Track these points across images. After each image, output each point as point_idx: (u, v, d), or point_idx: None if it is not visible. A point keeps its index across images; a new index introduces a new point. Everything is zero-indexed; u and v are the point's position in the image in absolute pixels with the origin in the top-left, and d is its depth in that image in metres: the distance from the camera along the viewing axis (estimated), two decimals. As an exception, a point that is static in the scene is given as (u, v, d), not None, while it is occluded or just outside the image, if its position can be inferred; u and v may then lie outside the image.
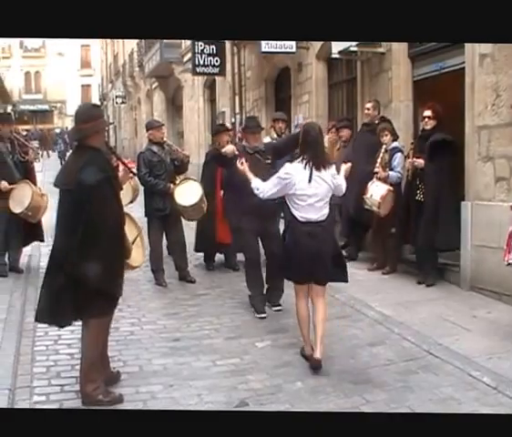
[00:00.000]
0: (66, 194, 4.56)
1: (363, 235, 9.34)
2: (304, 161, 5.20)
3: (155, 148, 8.10)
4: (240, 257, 7.70)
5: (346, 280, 5.73)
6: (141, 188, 8.37)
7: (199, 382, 5.02)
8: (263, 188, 5.48)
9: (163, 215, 8.01)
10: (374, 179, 8.11)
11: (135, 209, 6.97)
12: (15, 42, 57.65)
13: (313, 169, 5.17)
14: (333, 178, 5.34)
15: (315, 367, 5.17)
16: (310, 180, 5.16)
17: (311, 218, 5.23)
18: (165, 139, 8.41)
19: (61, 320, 4.70)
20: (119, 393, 4.72)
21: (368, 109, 8.99)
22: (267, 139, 9.51)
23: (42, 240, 8.98)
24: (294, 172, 5.21)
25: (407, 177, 7.97)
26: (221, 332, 6.29)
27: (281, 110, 11.42)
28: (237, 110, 15.57)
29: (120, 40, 36.06)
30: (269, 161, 6.66)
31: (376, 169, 8.11)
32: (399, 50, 9.10)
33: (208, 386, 4.95)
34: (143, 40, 25.61)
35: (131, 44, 30.35)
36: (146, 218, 8.07)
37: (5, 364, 5.24)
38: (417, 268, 8.04)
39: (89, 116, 4.64)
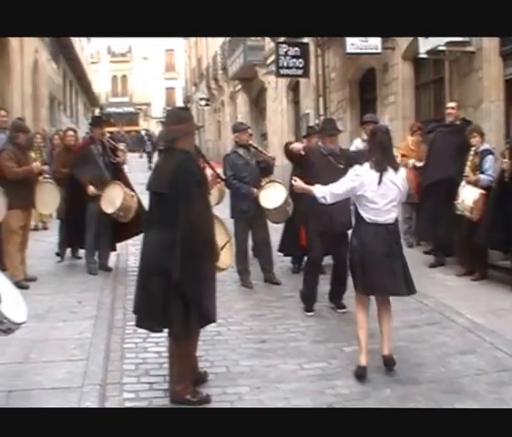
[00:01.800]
0: (158, 197, 4.65)
1: (449, 239, 9.06)
2: (372, 163, 5.16)
3: (240, 151, 8.16)
4: (327, 260, 7.61)
5: (410, 293, 5.46)
6: (227, 190, 8.47)
7: (286, 385, 5.02)
8: (328, 190, 5.37)
9: (248, 216, 8.06)
10: (464, 183, 7.86)
11: (221, 211, 7.05)
12: (102, 47, 59.63)
13: (383, 171, 5.12)
14: (403, 182, 5.29)
15: (390, 364, 5.18)
16: (379, 182, 5.11)
17: (378, 220, 5.16)
18: (251, 142, 8.45)
19: (152, 326, 4.79)
20: (207, 394, 4.78)
21: (453, 109, 8.73)
22: (357, 141, 9.46)
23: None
24: (364, 173, 5.17)
25: (502, 180, 7.63)
26: (308, 335, 6.26)
27: (367, 112, 11.25)
28: (321, 112, 15.47)
29: (204, 43, 36.69)
30: (342, 166, 6.56)
31: (466, 173, 7.85)
32: (490, 48, 8.81)
33: (295, 389, 4.95)
34: (226, 43, 25.94)
35: (215, 47, 30.79)
36: (232, 220, 8.14)
37: (96, 360, 5.41)
38: (511, 274, 7.73)
39: (179, 119, 4.72)
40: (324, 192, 5.38)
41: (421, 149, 9.47)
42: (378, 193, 5.11)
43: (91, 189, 8.36)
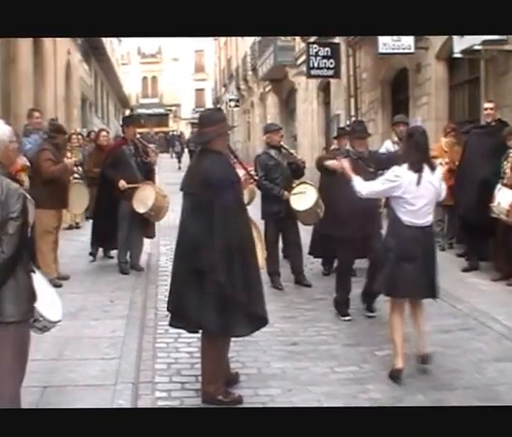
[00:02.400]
0: (191, 197, 4.66)
1: (484, 242, 8.93)
2: (410, 164, 5.13)
3: (272, 152, 8.15)
4: (357, 264, 7.56)
5: (436, 296, 5.42)
6: (258, 191, 8.46)
7: (318, 388, 5.00)
8: (365, 185, 5.42)
9: (279, 218, 8.04)
10: (500, 186, 7.74)
11: (251, 212, 7.02)
12: (133, 49, 60.10)
13: (420, 172, 5.09)
14: (440, 181, 5.30)
15: (425, 362, 5.21)
16: (418, 183, 5.08)
17: (416, 223, 5.14)
18: (282, 143, 8.43)
19: (188, 326, 4.80)
20: (239, 394, 4.78)
21: (491, 109, 8.58)
22: (387, 143, 9.36)
23: (152, 237, 9.31)
24: (403, 175, 5.14)
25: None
26: (339, 339, 6.23)
27: (399, 113, 11.14)
28: (352, 113, 15.37)
29: (234, 44, 36.78)
30: (371, 170, 6.49)
31: (503, 175, 7.73)
32: (528, 47, 8.65)
33: (326, 392, 4.92)
34: (256, 43, 25.94)
35: (245, 47, 30.85)
36: (262, 221, 8.12)
37: (129, 359, 5.45)
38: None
39: (213, 120, 4.73)
40: (362, 185, 5.42)
41: (454, 151, 9.35)
42: (417, 194, 5.09)
43: (122, 183, 8.40)
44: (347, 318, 6.81)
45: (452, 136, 9.69)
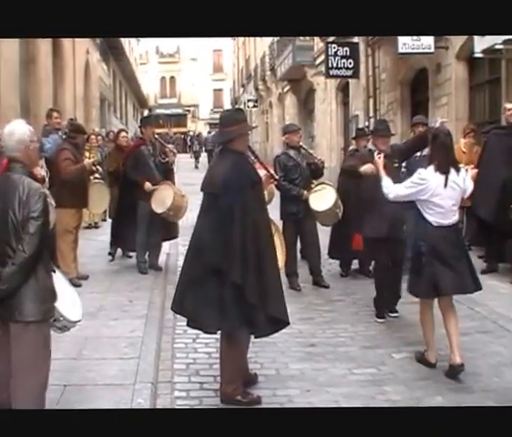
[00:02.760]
0: (211, 198, 4.67)
1: (502, 244, 8.85)
2: (436, 166, 5.17)
3: (291, 152, 8.15)
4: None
5: (477, 289, 5.45)
6: (277, 191, 8.46)
7: (337, 389, 5.00)
8: (393, 188, 5.47)
9: (297, 218, 8.04)
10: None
11: (270, 212, 7.02)
12: (151, 48, 60.29)
13: (447, 174, 5.15)
14: (465, 181, 5.33)
15: (458, 372, 5.12)
16: (446, 185, 5.14)
17: (443, 223, 5.21)
18: (301, 143, 8.42)
19: (207, 326, 4.77)
20: (257, 395, 4.79)
21: (510, 110, 8.49)
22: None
23: (175, 238, 9.33)
24: (430, 178, 5.18)
25: None
26: (357, 341, 6.21)
27: (418, 113, 11.07)
28: (371, 113, 15.32)
29: (252, 44, 36.79)
30: (396, 164, 6.51)
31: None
32: (550, 46, 8.56)
33: (345, 393, 4.92)
34: (275, 43, 25.92)
35: (263, 47, 30.84)
36: (281, 221, 8.12)
37: (148, 359, 5.47)
38: None
39: (233, 120, 4.74)
40: (390, 188, 5.48)
41: (473, 152, 9.27)
42: (444, 195, 5.16)
43: (148, 185, 8.44)
44: (381, 320, 6.73)
45: (471, 136, 9.60)
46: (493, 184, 8.18)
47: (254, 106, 35.84)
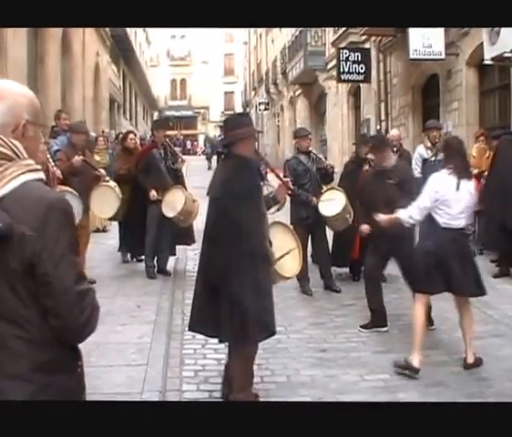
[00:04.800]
0: (213, 202, 4.59)
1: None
2: (451, 170, 5.30)
3: (302, 157, 8.09)
4: (388, 270, 7.45)
5: (482, 294, 5.55)
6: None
7: (348, 397, 4.92)
8: (412, 209, 5.45)
9: (308, 223, 7.97)
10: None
11: (282, 217, 6.96)
12: (162, 51, 60.35)
13: (461, 178, 5.28)
14: (473, 191, 5.48)
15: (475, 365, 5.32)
16: (458, 188, 5.27)
17: (452, 225, 5.32)
18: (311, 148, 8.35)
19: (206, 331, 4.73)
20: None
21: None
22: (420, 147, 9.27)
23: (191, 244, 9.22)
24: (442, 183, 5.32)
25: None
26: (369, 346, 6.13)
27: (430, 118, 11.03)
28: (382, 117, 15.26)
29: (264, 48, 36.82)
30: (391, 181, 6.26)
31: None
32: (561, 54, 8.51)
33: (357, 401, 4.81)
34: (286, 48, 25.91)
35: (274, 52, 30.85)
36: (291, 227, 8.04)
37: (156, 366, 5.37)
38: None
39: (237, 124, 4.64)
40: (409, 211, 5.45)
41: (484, 157, 9.20)
42: (455, 198, 5.27)
43: (153, 193, 8.38)
44: (383, 329, 6.54)
45: (481, 141, 9.55)
46: (506, 189, 8.09)
47: (266, 109, 35.87)
